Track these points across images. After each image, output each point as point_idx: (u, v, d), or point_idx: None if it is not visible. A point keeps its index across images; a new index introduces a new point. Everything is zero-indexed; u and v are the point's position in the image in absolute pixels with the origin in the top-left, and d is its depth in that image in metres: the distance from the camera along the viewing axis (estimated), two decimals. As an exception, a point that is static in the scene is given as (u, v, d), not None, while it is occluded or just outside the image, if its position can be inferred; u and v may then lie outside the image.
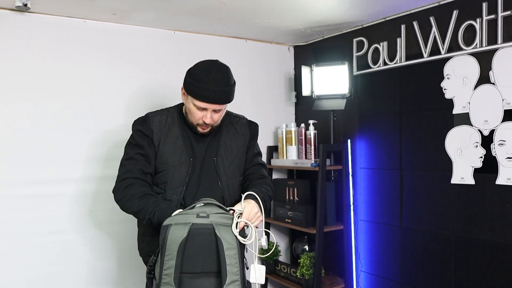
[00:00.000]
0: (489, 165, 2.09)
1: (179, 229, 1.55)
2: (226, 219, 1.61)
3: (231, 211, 1.67)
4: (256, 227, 1.67)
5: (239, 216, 1.64)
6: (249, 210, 1.65)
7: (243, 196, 1.71)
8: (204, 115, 1.74)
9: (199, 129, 1.80)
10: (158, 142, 1.79)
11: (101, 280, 2.53)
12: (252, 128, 1.99)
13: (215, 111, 1.76)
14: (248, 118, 2.03)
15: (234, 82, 1.79)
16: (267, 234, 1.75)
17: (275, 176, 3.21)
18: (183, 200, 1.76)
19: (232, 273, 1.55)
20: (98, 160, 2.50)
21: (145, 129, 1.80)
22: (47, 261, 2.36)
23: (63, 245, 2.41)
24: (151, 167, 1.79)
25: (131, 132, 1.86)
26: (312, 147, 2.79)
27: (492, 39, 2.08)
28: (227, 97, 1.75)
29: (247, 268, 1.71)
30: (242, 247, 1.63)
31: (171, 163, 1.78)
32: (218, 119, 1.81)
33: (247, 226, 1.66)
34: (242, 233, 1.65)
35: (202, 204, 1.64)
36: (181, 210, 1.66)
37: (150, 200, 1.69)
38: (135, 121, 1.86)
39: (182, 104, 1.91)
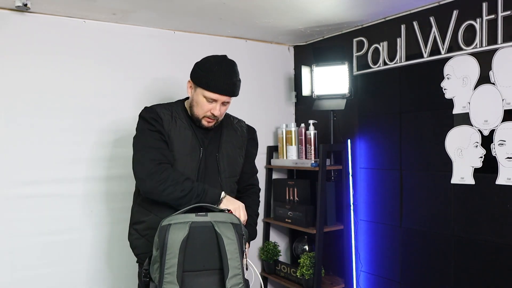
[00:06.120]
0: (489, 165, 2.09)
1: (179, 228, 1.56)
2: (224, 217, 1.64)
3: (228, 211, 1.71)
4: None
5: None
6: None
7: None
8: (213, 107, 1.80)
9: (204, 122, 1.84)
10: (168, 131, 1.80)
11: (101, 280, 2.53)
12: (250, 132, 2.06)
13: (223, 103, 1.83)
14: (248, 118, 2.09)
15: (240, 78, 1.87)
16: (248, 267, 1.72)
17: (275, 176, 3.21)
18: None
19: (234, 267, 1.57)
20: (99, 160, 2.49)
21: (157, 117, 1.80)
22: (47, 261, 2.36)
23: (63, 245, 2.41)
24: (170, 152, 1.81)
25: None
26: (312, 147, 2.79)
27: (492, 39, 2.08)
28: (236, 90, 1.84)
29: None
30: (241, 241, 1.64)
31: (182, 151, 1.80)
32: (223, 113, 1.88)
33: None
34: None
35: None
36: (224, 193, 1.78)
37: (194, 182, 1.74)
38: (146, 109, 1.84)
39: (183, 101, 1.94)
